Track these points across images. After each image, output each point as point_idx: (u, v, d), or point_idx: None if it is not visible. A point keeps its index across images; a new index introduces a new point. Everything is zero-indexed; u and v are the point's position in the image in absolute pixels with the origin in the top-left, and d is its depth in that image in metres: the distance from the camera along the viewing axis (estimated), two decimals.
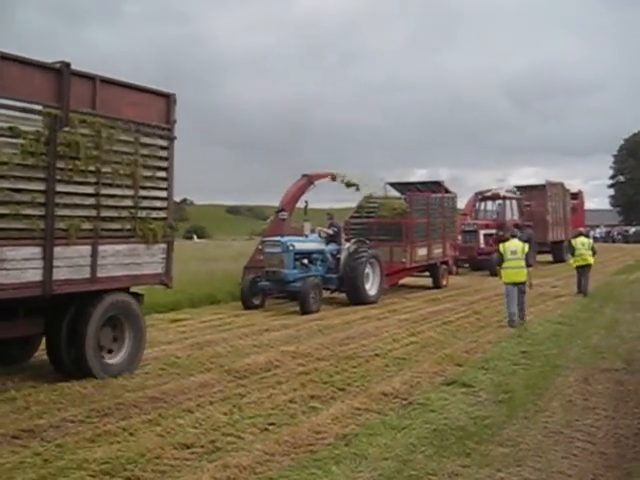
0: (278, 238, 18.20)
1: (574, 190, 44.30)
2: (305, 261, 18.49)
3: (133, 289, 10.49)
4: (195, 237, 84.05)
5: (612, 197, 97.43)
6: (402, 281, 23.65)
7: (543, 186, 36.16)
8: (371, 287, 19.51)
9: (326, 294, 19.07)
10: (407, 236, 21.78)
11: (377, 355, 11.34)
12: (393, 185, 25.70)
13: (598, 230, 71.43)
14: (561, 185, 38.60)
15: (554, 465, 6.38)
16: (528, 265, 15.33)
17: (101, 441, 6.86)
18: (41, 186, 8.50)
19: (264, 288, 18.36)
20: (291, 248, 17.83)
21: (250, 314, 16.78)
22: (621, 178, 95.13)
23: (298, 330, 14.09)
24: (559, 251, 36.51)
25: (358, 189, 22.73)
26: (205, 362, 10.75)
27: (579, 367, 10.49)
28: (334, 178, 21.83)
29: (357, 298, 18.91)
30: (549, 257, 36.76)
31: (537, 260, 32.87)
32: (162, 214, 10.42)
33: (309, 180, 21.05)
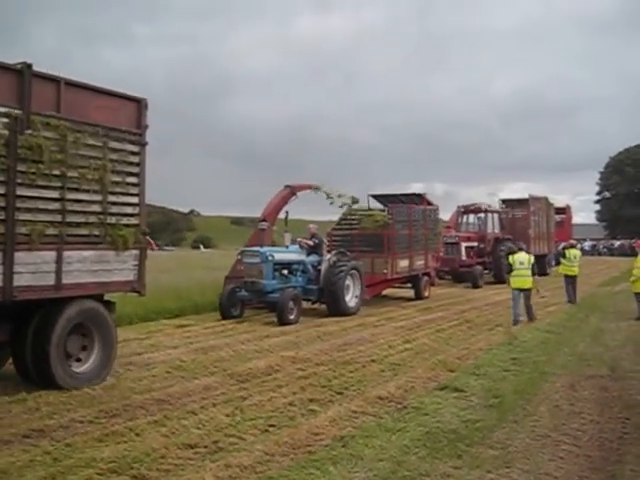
0: (257, 248, 17.50)
1: (562, 205, 44.21)
2: (285, 272, 17.63)
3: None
4: (202, 247, 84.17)
5: (598, 212, 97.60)
6: (387, 292, 23.20)
7: (527, 200, 34.84)
8: (351, 299, 18.70)
9: (307, 305, 18.50)
10: (388, 247, 21.00)
11: (373, 361, 11.31)
12: (376, 197, 24.85)
13: (586, 243, 71.53)
14: (545, 199, 37.22)
15: (541, 467, 6.36)
16: (533, 274, 16.80)
17: (108, 441, 6.84)
18: (0, 189, 7.96)
19: (243, 298, 17.50)
20: (270, 258, 16.99)
21: (251, 321, 16.75)
22: (607, 194, 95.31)
23: (298, 336, 14.07)
24: (542, 264, 34.65)
25: (343, 204, 21.86)
26: (209, 366, 10.73)
27: (566, 374, 10.46)
28: (317, 189, 20.97)
29: (337, 310, 18.04)
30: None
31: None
32: (133, 220, 9.82)
33: (292, 191, 20.26)
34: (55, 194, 8.66)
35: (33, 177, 8.31)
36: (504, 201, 35.95)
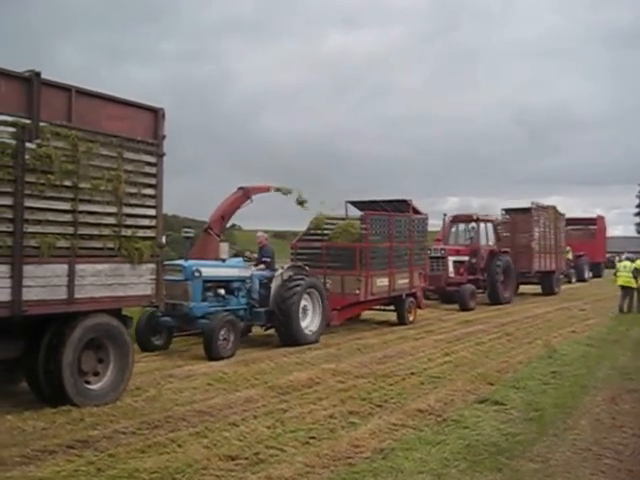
0: (180, 262, 13.69)
1: (592, 216, 42.96)
2: (221, 292, 14.05)
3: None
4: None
5: (638, 224, 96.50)
6: (366, 314, 19.98)
7: (529, 209, 30.03)
8: (310, 324, 15.08)
9: (260, 332, 15.84)
10: (361, 263, 17.08)
11: (413, 373, 11.22)
12: (354, 204, 20.47)
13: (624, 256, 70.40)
14: (553, 209, 32.32)
15: None
16: (635, 277, 22.00)
17: (151, 452, 6.85)
18: (8, 201, 7.56)
19: (167, 324, 13.70)
20: (197, 275, 13.31)
21: None
22: None
23: (339, 349, 14.02)
24: (549, 282, 31.19)
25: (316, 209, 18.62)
26: (250, 378, 10.71)
27: (607, 387, 10.28)
28: (282, 191, 17.34)
29: (290, 337, 14.45)
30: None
31: (519, 292, 30.13)
32: (150, 233, 9.34)
33: (245, 194, 16.85)
34: (66, 205, 8.25)
35: (42, 188, 7.93)
36: (507, 211, 31.03)
